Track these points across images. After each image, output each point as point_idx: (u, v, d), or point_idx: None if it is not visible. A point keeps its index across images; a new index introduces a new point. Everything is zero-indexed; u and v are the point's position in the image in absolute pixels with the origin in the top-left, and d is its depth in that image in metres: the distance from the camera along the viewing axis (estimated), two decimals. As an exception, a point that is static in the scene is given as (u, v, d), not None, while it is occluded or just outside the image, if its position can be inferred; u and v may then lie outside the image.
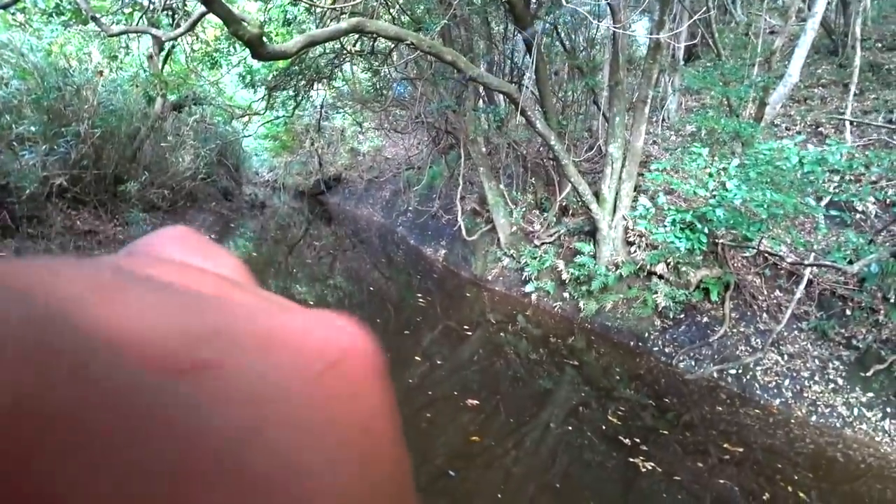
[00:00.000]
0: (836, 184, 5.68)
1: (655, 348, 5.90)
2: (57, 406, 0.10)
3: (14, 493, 0.10)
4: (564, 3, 4.36)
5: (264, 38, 3.76)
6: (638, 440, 4.37)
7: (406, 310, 7.15)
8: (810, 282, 5.70)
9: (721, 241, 5.36)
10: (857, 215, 5.64)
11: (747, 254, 6.12)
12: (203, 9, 4.56)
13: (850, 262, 3.51)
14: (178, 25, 8.17)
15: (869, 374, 4.66)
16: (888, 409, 4.59)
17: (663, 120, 8.44)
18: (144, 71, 7.27)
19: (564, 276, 6.83)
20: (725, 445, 4.43)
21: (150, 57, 7.97)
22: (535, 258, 7.29)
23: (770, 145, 3.54)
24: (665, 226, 3.73)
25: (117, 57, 7.82)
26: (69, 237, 5.10)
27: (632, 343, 6.10)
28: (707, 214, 3.50)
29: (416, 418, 4.32)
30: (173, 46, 8.93)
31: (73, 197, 5.68)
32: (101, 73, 5.89)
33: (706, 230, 3.66)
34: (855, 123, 6.84)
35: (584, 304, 6.51)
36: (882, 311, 5.04)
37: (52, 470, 0.10)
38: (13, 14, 6.42)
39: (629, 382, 5.57)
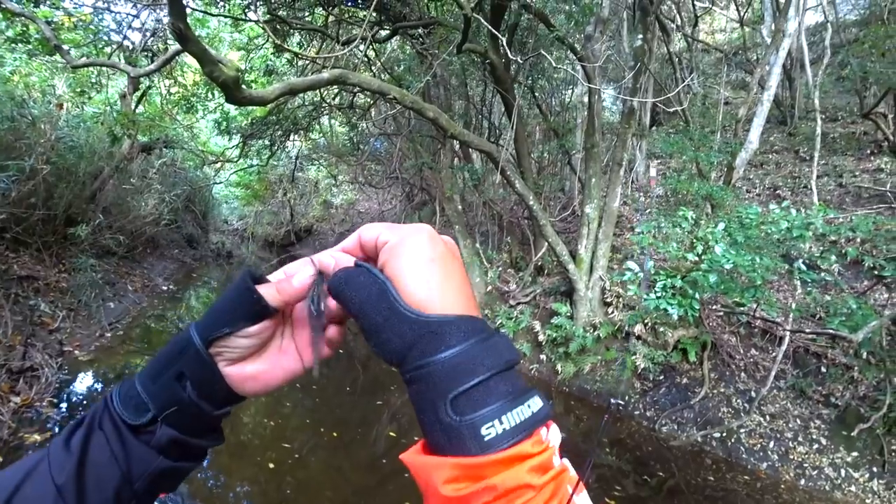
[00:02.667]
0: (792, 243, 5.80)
1: (637, 412, 5.59)
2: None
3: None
4: (554, 63, 4.35)
5: (241, 82, 3.51)
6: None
7: (373, 372, 6.65)
8: (783, 339, 5.63)
9: (714, 307, 5.25)
10: (823, 274, 5.70)
11: (720, 313, 6.03)
12: (177, 47, 4.33)
13: (853, 329, 3.37)
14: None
15: (854, 433, 4.48)
16: (874, 469, 4.42)
17: (633, 182, 8.60)
18: (112, 108, 6.87)
19: (541, 337, 6.53)
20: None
21: (123, 96, 7.62)
22: (510, 318, 6.99)
23: (755, 209, 3.48)
24: (655, 291, 3.53)
25: (85, 92, 7.42)
26: (-1, 283, 4.45)
27: (612, 407, 5.77)
28: (699, 280, 3.33)
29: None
30: (149, 87, 8.62)
31: (14, 238, 5.05)
32: (60, 105, 5.45)
33: (697, 295, 3.48)
34: (805, 186, 7.15)
35: (561, 366, 6.18)
36: (856, 368, 4.99)
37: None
38: (-28, 38, 5.97)
39: (611, 448, 5.21)
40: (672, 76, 8.08)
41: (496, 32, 4.62)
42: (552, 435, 0.37)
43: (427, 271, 0.38)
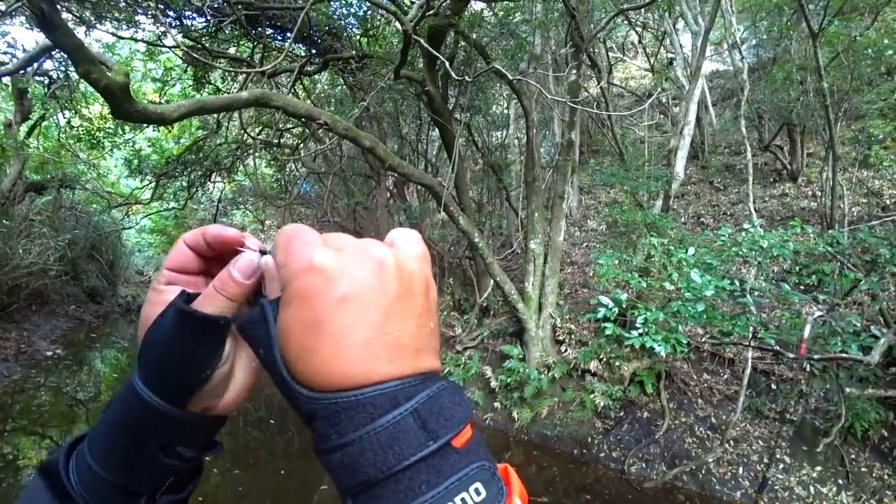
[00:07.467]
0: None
1: (602, 454, 4.97)
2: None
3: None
4: (500, 82, 3.88)
5: (130, 91, 2.61)
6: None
7: (308, 435, 5.54)
8: (732, 361, 5.38)
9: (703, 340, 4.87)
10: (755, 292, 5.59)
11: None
12: (46, 41, 3.35)
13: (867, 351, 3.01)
14: (54, 95, 6.68)
15: (818, 448, 4.17)
16: (840, 481, 4.20)
17: (567, 216, 8.38)
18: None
19: (493, 383, 5.82)
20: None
21: (8, 125, 6.21)
22: (458, 365, 6.22)
23: (726, 229, 3.12)
24: (637, 327, 2.99)
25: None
26: None
27: (575, 451, 5.12)
28: (681, 311, 2.83)
29: None
30: (42, 117, 7.15)
31: None
32: None
33: (680, 328, 2.98)
34: (725, 213, 7.29)
35: (517, 413, 5.47)
36: (803, 381, 4.79)
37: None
38: None
39: (577, 496, 4.51)
40: (600, 113, 8.14)
41: (436, 53, 4.11)
42: None
43: (316, 331, 0.26)
